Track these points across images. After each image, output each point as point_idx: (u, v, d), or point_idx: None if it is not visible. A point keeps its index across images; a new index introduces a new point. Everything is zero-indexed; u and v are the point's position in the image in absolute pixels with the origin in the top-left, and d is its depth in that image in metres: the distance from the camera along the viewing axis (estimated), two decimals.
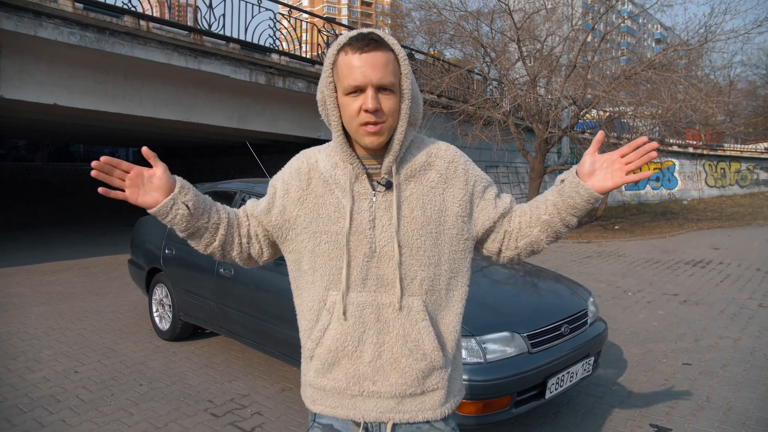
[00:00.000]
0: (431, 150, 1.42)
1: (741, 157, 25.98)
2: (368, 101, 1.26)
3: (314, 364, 1.42)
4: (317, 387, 1.43)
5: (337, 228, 1.37)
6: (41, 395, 3.86)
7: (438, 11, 14.39)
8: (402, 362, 1.36)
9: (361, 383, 1.37)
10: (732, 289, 7.36)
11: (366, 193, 1.37)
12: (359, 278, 1.36)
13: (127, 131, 15.16)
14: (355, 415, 1.39)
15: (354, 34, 1.31)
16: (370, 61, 1.26)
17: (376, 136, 1.31)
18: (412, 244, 1.35)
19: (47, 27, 7.81)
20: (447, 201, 1.40)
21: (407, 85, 1.32)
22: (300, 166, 1.47)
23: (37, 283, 7.67)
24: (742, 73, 32.98)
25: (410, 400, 1.38)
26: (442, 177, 1.40)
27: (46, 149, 31.47)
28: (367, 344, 1.36)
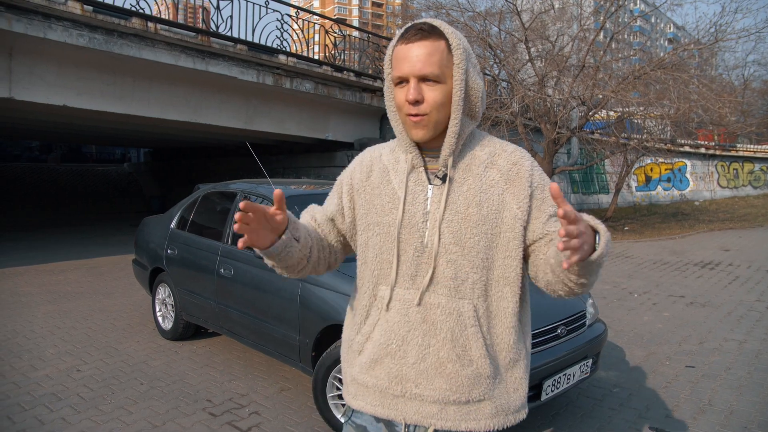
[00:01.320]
0: (496, 149, 1.37)
1: (754, 157, 25.67)
2: (409, 92, 1.25)
3: (361, 359, 1.40)
4: (360, 383, 1.40)
5: (390, 219, 1.34)
6: (43, 393, 3.90)
7: (446, 12, 14.37)
8: (448, 367, 1.30)
9: (404, 384, 1.33)
10: (740, 291, 7.27)
11: (422, 185, 1.34)
12: (408, 274, 1.32)
13: (136, 132, 15.27)
14: (396, 415, 1.35)
15: (409, 25, 1.29)
16: (414, 51, 1.25)
17: (421, 128, 1.29)
18: (465, 242, 1.29)
19: (56, 29, 7.90)
20: (506, 201, 1.31)
21: (459, 76, 1.27)
22: (363, 159, 1.48)
23: (45, 282, 7.75)
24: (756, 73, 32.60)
25: (454, 407, 1.32)
26: (503, 177, 1.33)
27: (58, 150, 31.79)
28: (411, 345, 1.32)
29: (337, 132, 13.50)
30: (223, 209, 4.73)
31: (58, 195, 23.04)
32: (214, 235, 4.59)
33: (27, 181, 24.30)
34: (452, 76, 1.27)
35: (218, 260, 4.33)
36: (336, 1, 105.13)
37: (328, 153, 14.56)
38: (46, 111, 10.18)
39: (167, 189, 23.37)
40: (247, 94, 11.51)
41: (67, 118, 11.92)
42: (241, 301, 4.11)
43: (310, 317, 3.48)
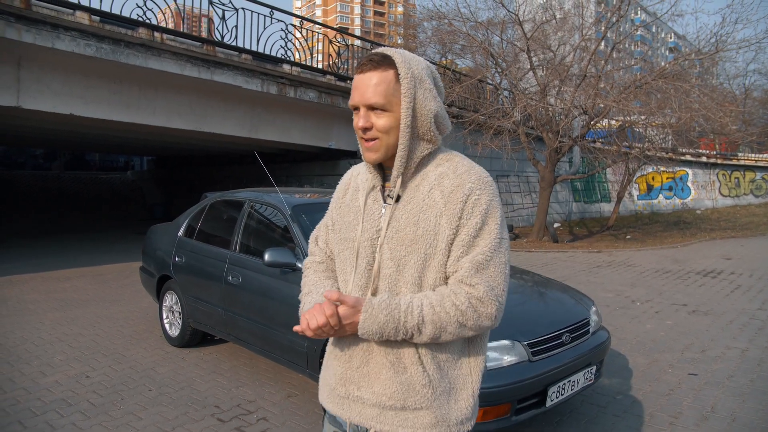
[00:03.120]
0: (446, 170, 1.39)
1: (756, 166, 25.72)
2: (359, 120, 1.36)
3: (327, 358, 1.53)
4: (322, 378, 1.55)
5: (353, 235, 1.45)
6: (53, 399, 3.95)
7: (449, 22, 14.51)
8: (383, 373, 1.38)
9: (347, 386, 1.42)
10: (742, 300, 7.30)
11: (378, 203, 1.44)
12: (359, 285, 1.41)
13: (141, 140, 15.40)
14: (342, 414, 1.44)
15: (367, 53, 1.40)
16: (364, 81, 1.34)
17: (371, 152, 1.39)
18: (399, 259, 1.36)
19: (64, 39, 8.01)
20: (441, 224, 1.34)
21: (406, 104, 1.33)
22: (344, 178, 1.62)
23: (51, 289, 7.81)
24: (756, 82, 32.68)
25: (392, 413, 1.37)
26: (444, 199, 1.35)
27: (62, 158, 31.96)
28: (356, 351, 1.41)
29: (340, 140, 13.58)
30: (231, 218, 4.79)
31: (62, 202, 23.15)
32: (222, 243, 4.65)
33: (31, 188, 24.43)
34: (399, 104, 1.34)
35: (226, 268, 4.38)
36: (338, 11, 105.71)
37: (331, 161, 14.65)
38: (53, 119, 10.29)
39: (170, 197, 23.46)
40: (251, 103, 11.61)
41: (73, 126, 12.03)
42: (249, 308, 4.16)
43: None
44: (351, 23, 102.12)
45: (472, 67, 17.57)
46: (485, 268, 1.31)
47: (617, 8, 13.06)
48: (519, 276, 4.26)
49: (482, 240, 1.33)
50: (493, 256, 1.32)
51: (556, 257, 11.71)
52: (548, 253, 12.25)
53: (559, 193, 18.64)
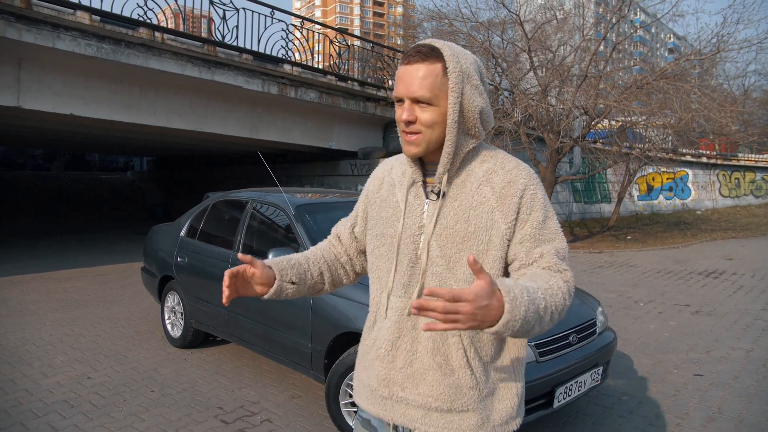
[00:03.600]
0: (494, 166, 1.38)
1: (756, 167, 25.70)
2: (403, 113, 1.32)
3: (363, 359, 1.49)
4: (360, 380, 1.50)
5: (392, 231, 1.41)
6: (55, 400, 3.92)
7: (449, 22, 14.48)
8: (430, 374, 1.35)
9: (391, 387, 1.39)
10: (745, 300, 7.29)
11: (420, 199, 1.39)
12: (401, 283, 1.38)
13: (142, 141, 15.37)
14: (384, 415, 1.41)
15: (414, 44, 1.35)
16: (410, 73, 1.30)
17: (412, 146, 1.34)
18: (451, 256, 1.33)
19: (65, 39, 7.98)
20: (496, 220, 1.33)
21: (453, 99, 1.30)
22: (377, 173, 1.58)
23: (52, 290, 7.78)
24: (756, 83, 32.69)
25: (437, 415, 1.35)
26: (495, 195, 1.34)
27: (62, 158, 31.94)
28: (400, 350, 1.38)
29: (340, 141, 13.56)
30: (234, 218, 4.76)
31: (61, 203, 23.11)
32: (225, 244, 4.63)
33: (31, 188, 24.39)
34: (447, 98, 1.30)
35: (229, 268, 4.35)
36: (337, 11, 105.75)
37: (332, 162, 14.62)
38: (53, 120, 10.26)
39: (170, 197, 23.43)
40: (252, 103, 11.59)
41: (73, 127, 12.01)
42: (252, 309, 4.13)
43: (322, 325, 3.50)
44: (350, 24, 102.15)
45: None
46: (565, 257, 1.33)
47: (618, 8, 13.05)
48: None
49: (550, 231, 1.34)
50: (565, 245, 1.35)
51: None
52: None
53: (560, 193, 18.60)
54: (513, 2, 14.69)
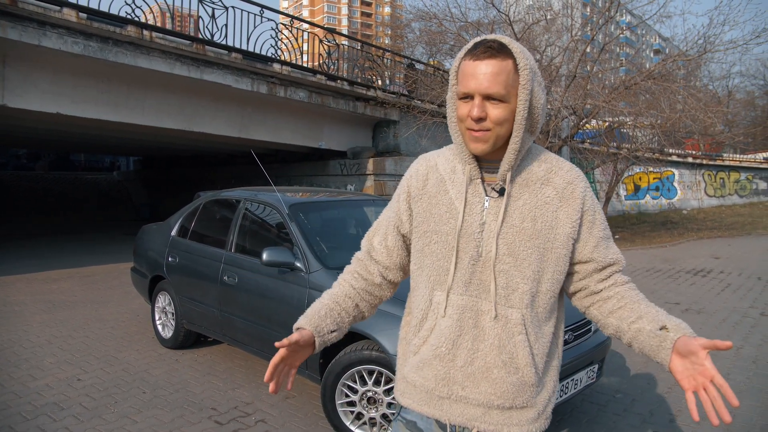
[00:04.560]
0: (552, 166, 1.41)
1: (740, 167, 26.05)
2: (474, 109, 1.29)
3: (414, 359, 1.44)
4: (409, 381, 1.44)
5: (448, 228, 1.38)
6: (44, 403, 3.86)
7: (439, 21, 14.50)
8: (494, 373, 1.35)
9: (451, 386, 1.37)
10: (733, 298, 7.36)
11: (479, 197, 1.38)
12: (462, 281, 1.36)
13: (130, 140, 15.21)
14: (441, 415, 1.39)
15: (479, 39, 1.32)
16: (482, 69, 1.27)
17: (480, 143, 1.32)
18: (518, 254, 1.34)
19: (51, 36, 7.87)
20: (560, 219, 1.36)
21: (524, 96, 1.30)
22: (419, 168, 1.52)
23: (37, 291, 7.67)
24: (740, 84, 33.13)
25: (498, 412, 1.36)
26: (558, 195, 1.37)
27: (46, 158, 31.50)
28: (461, 348, 1.36)
29: (330, 141, 13.51)
30: (226, 217, 4.72)
31: (46, 203, 22.81)
32: (217, 243, 4.58)
33: (15, 189, 24.04)
34: (517, 95, 1.30)
35: (221, 268, 4.31)
36: (325, 11, 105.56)
37: (321, 162, 14.57)
38: (40, 118, 10.12)
39: (157, 197, 23.22)
40: (241, 103, 11.51)
41: (60, 126, 11.85)
42: (246, 309, 4.09)
43: None
44: (338, 23, 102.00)
45: None
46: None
47: (607, 9, 13.14)
48: None
49: (609, 230, 1.44)
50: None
51: None
52: None
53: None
54: (502, 2, 14.74)
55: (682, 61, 13.47)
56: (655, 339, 1.29)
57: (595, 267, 1.40)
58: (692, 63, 13.52)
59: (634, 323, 1.34)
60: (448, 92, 1.38)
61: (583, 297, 1.44)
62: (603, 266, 1.40)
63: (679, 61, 13.37)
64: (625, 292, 1.40)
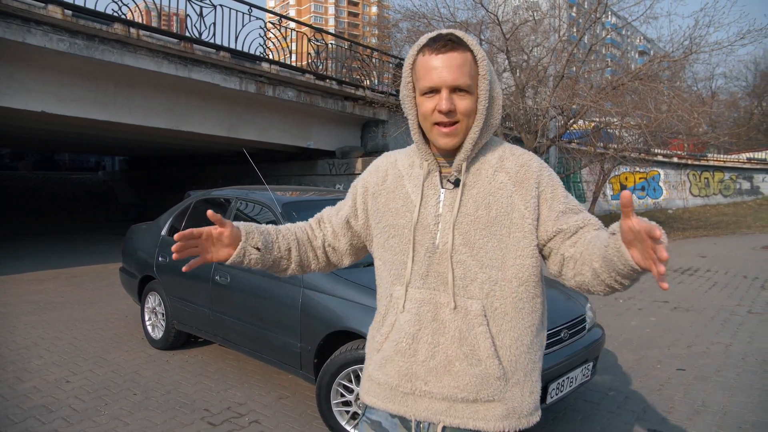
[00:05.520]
0: (505, 153, 1.41)
1: (724, 167, 26.35)
2: (442, 102, 1.28)
3: (377, 356, 1.43)
4: (373, 379, 1.43)
5: (404, 222, 1.39)
6: (33, 405, 3.79)
7: (427, 21, 14.50)
8: (456, 365, 1.32)
9: (413, 382, 1.35)
10: (721, 296, 7.44)
11: (435, 189, 1.38)
12: (420, 274, 1.35)
13: (117, 139, 15.04)
14: (405, 412, 1.37)
15: (433, 35, 1.31)
16: (446, 62, 1.27)
17: (450, 137, 1.32)
18: (474, 243, 1.32)
19: (36, 34, 7.75)
20: (515, 203, 1.34)
21: (484, 87, 1.31)
22: (379, 164, 1.54)
23: (23, 292, 7.55)
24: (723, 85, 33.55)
25: (462, 405, 1.33)
26: (511, 179, 1.36)
27: (30, 158, 31.04)
28: (421, 343, 1.34)
29: (319, 140, 13.47)
30: None
31: (31, 203, 22.49)
32: None
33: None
34: (478, 86, 1.32)
35: (213, 267, 4.27)
36: (312, 11, 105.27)
37: (310, 161, 14.53)
38: (24, 117, 9.97)
39: (144, 197, 23.00)
40: (230, 102, 11.43)
41: (45, 125, 11.68)
42: (238, 309, 4.05)
43: (312, 324, 3.45)
44: (325, 23, 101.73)
45: None
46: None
47: (594, 9, 13.23)
48: None
49: (576, 204, 1.39)
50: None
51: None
52: None
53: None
54: (491, 2, 14.79)
55: (667, 62, 13.60)
56: (611, 251, 1.16)
57: (563, 237, 1.34)
58: (678, 64, 13.64)
59: (598, 254, 1.21)
60: (402, 91, 1.37)
61: (566, 274, 1.34)
62: (571, 234, 1.33)
63: (665, 62, 13.50)
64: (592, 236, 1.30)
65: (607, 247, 1.18)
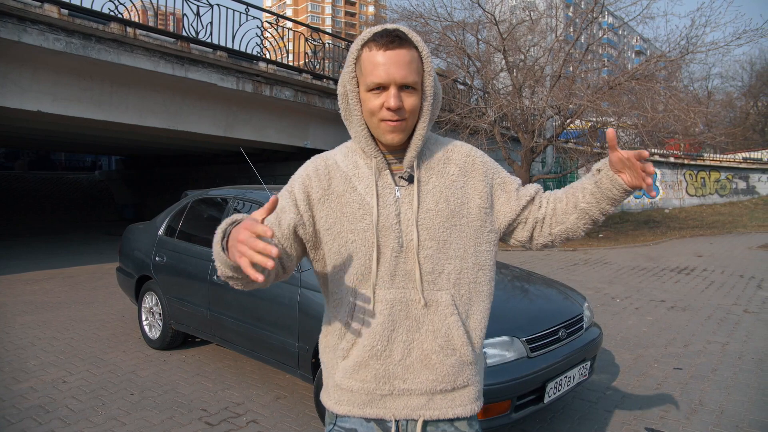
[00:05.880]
0: (447, 145, 1.44)
1: (720, 166, 26.43)
2: (390, 99, 1.25)
3: (346, 363, 1.38)
4: (344, 388, 1.38)
5: (364, 225, 1.34)
6: (29, 405, 3.78)
7: (424, 21, 14.50)
8: (433, 358, 1.33)
9: (392, 382, 1.34)
10: (717, 295, 7.46)
11: (389, 188, 1.35)
12: (387, 274, 1.33)
13: (112, 139, 15.00)
14: (385, 414, 1.35)
15: (379, 29, 1.29)
16: (394, 58, 1.25)
17: (397, 133, 1.30)
18: (439, 237, 1.34)
19: (32, 33, 7.73)
20: (469, 193, 1.39)
21: (429, 84, 1.31)
22: (318, 166, 1.42)
23: (19, 292, 7.52)
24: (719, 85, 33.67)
25: (441, 396, 1.35)
26: (461, 170, 1.40)
27: (26, 157, 30.91)
28: (396, 342, 1.33)
29: (316, 140, 13.46)
30: (215, 216, 4.66)
31: (26, 203, 22.41)
32: (206, 242, 4.52)
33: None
34: (424, 83, 1.32)
35: (211, 267, 4.26)
36: (309, 10, 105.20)
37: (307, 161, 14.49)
38: (19, 116, 9.94)
39: (141, 197, 22.95)
40: (227, 101, 11.41)
41: (41, 124, 11.65)
42: (236, 309, 4.04)
43: (310, 324, 3.44)
44: (322, 23, 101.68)
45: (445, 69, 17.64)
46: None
47: (591, 9, 13.26)
48: (511, 272, 4.24)
49: (516, 178, 1.48)
50: None
51: (534, 255, 11.82)
52: (526, 251, 12.35)
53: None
54: (488, 2, 14.80)
55: (663, 62, 13.63)
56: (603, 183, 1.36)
57: (531, 205, 1.45)
58: (675, 64, 13.69)
59: (584, 194, 1.40)
60: (345, 86, 1.33)
61: (542, 232, 1.45)
62: (531, 200, 1.44)
63: (661, 62, 13.54)
64: (555, 193, 1.47)
65: (598, 183, 1.36)
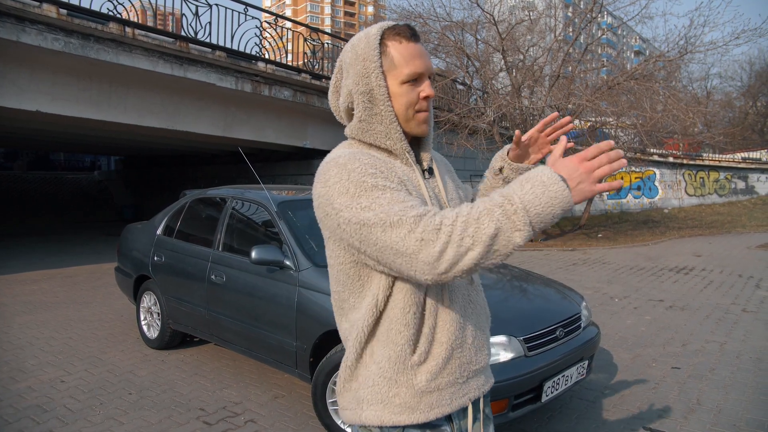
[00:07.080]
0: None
1: (719, 166, 26.43)
2: (429, 88, 1.29)
3: (428, 367, 1.28)
4: (432, 390, 1.29)
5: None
6: (27, 405, 3.77)
7: (423, 21, 14.51)
8: (483, 335, 1.41)
9: (469, 367, 1.35)
10: (716, 295, 7.46)
11: (421, 182, 1.32)
12: None
13: (111, 139, 15.00)
14: (464, 401, 1.34)
15: (391, 23, 1.31)
16: (422, 50, 1.29)
17: (428, 123, 1.34)
18: None
19: (30, 33, 7.72)
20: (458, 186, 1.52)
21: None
22: (377, 157, 1.28)
23: (18, 292, 7.52)
24: (718, 85, 33.69)
25: (484, 373, 1.42)
26: (446, 166, 1.51)
27: (25, 158, 30.89)
28: (467, 329, 1.35)
29: (315, 140, 13.46)
30: (213, 215, 4.66)
31: (26, 203, 22.40)
32: (204, 242, 4.52)
33: None
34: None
35: (209, 267, 4.26)
36: (308, 11, 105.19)
37: (306, 161, 14.51)
38: (18, 116, 9.93)
39: (140, 197, 22.94)
40: (225, 102, 11.41)
41: (40, 125, 11.65)
42: (234, 308, 4.05)
43: (308, 323, 3.44)
44: (321, 23, 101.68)
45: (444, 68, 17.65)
46: None
47: (590, 9, 13.27)
48: (510, 272, 4.24)
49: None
50: None
51: (533, 255, 11.82)
52: (525, 251, 12.35)
53: None
54: (487, 2, 14.81)
55: (662, 62, 13.65)
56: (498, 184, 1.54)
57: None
58: (673, 64, 13.70)
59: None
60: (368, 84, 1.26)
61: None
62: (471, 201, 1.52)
63: (660, 62, 13.55)
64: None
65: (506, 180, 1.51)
